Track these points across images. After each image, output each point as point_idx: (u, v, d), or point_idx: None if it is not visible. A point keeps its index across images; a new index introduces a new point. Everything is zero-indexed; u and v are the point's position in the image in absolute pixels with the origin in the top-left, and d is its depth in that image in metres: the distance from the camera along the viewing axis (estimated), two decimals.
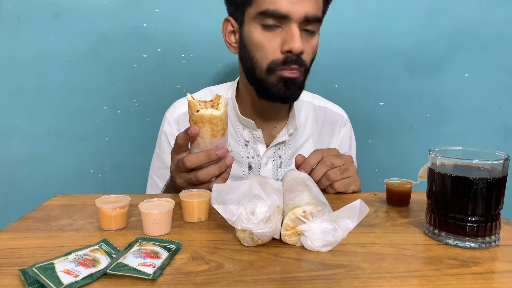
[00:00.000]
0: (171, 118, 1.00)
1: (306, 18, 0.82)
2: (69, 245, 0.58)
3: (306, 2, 0.81)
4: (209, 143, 0.71)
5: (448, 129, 1.38)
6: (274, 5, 0.80)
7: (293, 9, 0.80)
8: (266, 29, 0.83)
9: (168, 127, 1.00)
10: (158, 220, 0.62)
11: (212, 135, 0.70)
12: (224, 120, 0.70)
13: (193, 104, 0.69)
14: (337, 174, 0.81)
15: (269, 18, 0.82)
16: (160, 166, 1.01)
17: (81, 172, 1.30)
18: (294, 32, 0.81)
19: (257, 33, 0.84)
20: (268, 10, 0.81)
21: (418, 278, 0.50)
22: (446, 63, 1.34)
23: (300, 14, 0.81)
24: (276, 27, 0.83)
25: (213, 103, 0.70)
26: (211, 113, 0.68)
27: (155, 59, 1.26)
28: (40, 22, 1.21)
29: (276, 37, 0.83)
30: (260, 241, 0.58)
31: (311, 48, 0.86)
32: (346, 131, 1.08)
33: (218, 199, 0.57)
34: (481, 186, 0.56)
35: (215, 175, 0.72)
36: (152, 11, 1.23)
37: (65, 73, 1.25)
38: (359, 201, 0.56)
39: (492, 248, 0.58)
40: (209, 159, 0.70)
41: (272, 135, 0.99)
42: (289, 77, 0.84)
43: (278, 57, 0.83)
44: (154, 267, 0.50)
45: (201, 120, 0.69)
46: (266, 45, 0.83)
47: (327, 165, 0.81)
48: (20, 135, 1.27)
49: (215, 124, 0.69)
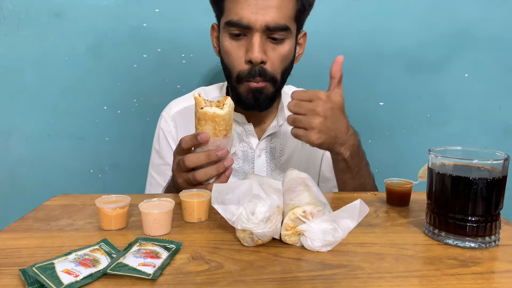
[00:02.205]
0: (167, 116, 1.04)
1: (267, 27, 0.85)
2: (69, 245, 0.58)
3: (268, 11, 0.84)
4: (210, 143, 0.71)
5: (448, 129, 1.38)
6: (237, 15, 0.85)
7: (253, 19, 0.84)
8: (233, 38, 0.88)
9: (165, 124, 1.03)
10: (158, 220, 0.62)
11: (213, 134, 0.70)
12: (228, 121, 0.71)
13: (198, 100, 0.70)
14: (302, 107, 0.79)
15: (233, 27, 0.86)
16: (159, 162, 1.03)
17: (81, 172, 1.30)
18: (254, 42, 0.85)
19: (226, 41, 0.89)
20: (232, 21, 0.86)
21: (418, 278, 0.50)
22: (446, 63, 1.34)
23: (261, 24, 0.84)
24: (242, 36, 0.87)
25: (220, 103, 0.71)
26: (214, 111, 0.69)
27: (155, 59, 1.26)
28: (40, 22, 1.21)
29: (241, 46, 0.88)
30: (260, 241, 0.58)
31: (277, 57, 0.88)
32: None
33: (218, 199, 0.57)
34: (481, 186, 0.56)
35: (212, 175, 0.72)
36: (152, 11, 1.23)
37: (65, 73, 1.25)
38: (359, 201, 0.56)
39: (492, 248, 0.58)
40: (209, 159, 0.70)
41: (263, 128, 1.02)
42: (256, 87, 0.88)
43: (243, 68, 0.88)
44: (154, 267, 0.50)
45: (204, 118, 0.69)
46: (233, 53, 0.88)
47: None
48: (20, 135, 1.27)
49: (217, 123, 0.69)
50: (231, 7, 0.86)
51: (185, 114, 1.02)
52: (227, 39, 0.89)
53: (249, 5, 0.84)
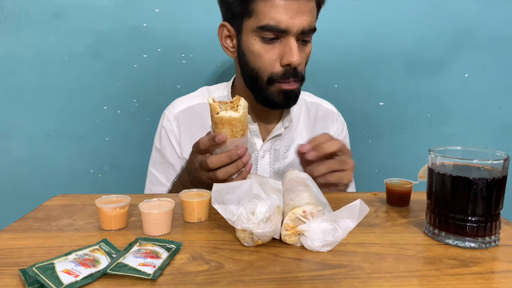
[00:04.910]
0: (170, 115, 1.03)
1: (303, 31, 0.86)
2: (69, 245, 0.58)
3: (304, 15, 0.86)
4: (229, 143, 0.73)
5: (448, 129, 1.38)
6: (274, 20, 0.84)
7: (291, 24, 0.85)
8: (265, 42, 0.88)
9: (167, 123, 1.03)
10: (158, 220, 0.62)
11: (231, 135, 0.72)
12: (243, 122, 0.72)
13: (213, 106, 0.71)
14: (336, 164, 0.81)
15: (268, 32, 0.86)
16: (162, 161, 1.03)
17: (81, 172, 1.30)
18: (293, 46, 0.86)
19: (257, 45, 0.88)
20: (268, 25, 0.85)
21: (418, 278, 0.50)
22: (446, 63, 1.34)
23: (298, 28, 0.85)
24: (275, 40, 0.87)
25: (233, 104, 0.72)
26: (230, 115, 0.70)
27: (155, 59, 1.26)
28: (40, 22, 1.21)
29: (274, 49, 0.88)
30: (260, 241, 0.58)
31: (305, 56, 0.92)
32: (338, 125, 1.11)
33: (218, 199, 0.57)
34: (481, 186, 0.56)
35: (232, 173, 0.74)
36: (152, 11, 1.23)
37: (65, 73, 1.25)
38: (359, 201, 0.56)
39: (492, 248, 0.58)
40: (230, 159, 0.72)
41: (268, 129, 1.02)
42: (289, 89, 0.90)
43: (277, 70, 0.88)
44: (154, 267, 0.50)
45: (220, 122, 0.71)
46: (265, 56, 0.88)
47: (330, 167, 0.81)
48: (20, 135, 1.27)
49: (234, 125, 0.71)
50: (265, 11, 0.85)
51: (188, 114, 1.03)
52: (259, 42, 0.88)
53: (286, 10, 0.84)
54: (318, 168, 0.80)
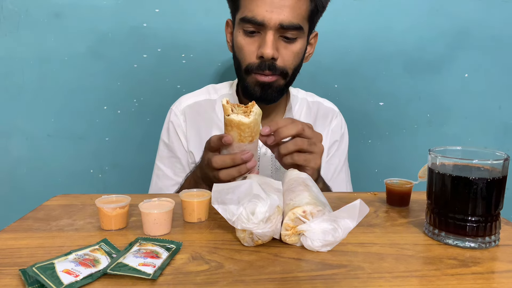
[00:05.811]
0: (177, 110, 1.05)
1: (281, 26, 0.87)
2: (69, 245, 0.58)
3: (282, 11, 0.87)
4: (235, 147, 0.73)
5: (448, 129, 1.38)
6: (252, 12, 0.88)
7: (268, 17, 0.87)
8: (247, 34, 0.91)
9: (174, 117, 1.05)
10: (158, 220, 0.62)
11: (239, 139, 0.72)
12: (253, 128, 0.72)
13: (225, 108, 0.72)
14: (305, 143, 0.76)
15: (248, 24, 0.89)
16: (169, 155, 1.05)
17: (81, 172, 1.30)
18: (267, 39, 0.88)
19: (240, 37, 0.92)
20: (246, 17, 0.89)
21: (418, 278, 0.50)
22: (446, 63, 1.34)
23: (275, 22, 0.87)
24: (256, 33, 0.90)
25: (247, 109, 0.72)
26: (239, 119, 0.70)
27: (155, 59, 1.26)
28: (40, 22, 1.21)
29: (254, 42, 0.91)
30: (260, 241, 0.58)
31: (290, 54, 0.92)
32: (338, 122, 1.11)
33: (218, 199, 0.57)
34: (481, 186, 0.56)
35: (234, 176, 0.74)
36: (152, 11, 1.23)
37: (65, 73, 1.25)
38: (359, 201, 0.56)
39: (492, 248, 0.58)
40: (233, 162, 0.72)
41: None
42: (264, 81, 0.91)
43: (253, 61, 0.91)
44: (154, 267, 0.50)
45: (230, 124, 0.71)
46: (245, 48, 0.91)
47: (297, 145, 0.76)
48: (20, 135, 1.27)
49: (242, 130, 0.71)
50: (246, 4, 0.89)
51: (195, 109, 1.05)
52: (241, 34, 0.92)
53: (264, 3, 0.86)
54: (286, 145, 0.76)
